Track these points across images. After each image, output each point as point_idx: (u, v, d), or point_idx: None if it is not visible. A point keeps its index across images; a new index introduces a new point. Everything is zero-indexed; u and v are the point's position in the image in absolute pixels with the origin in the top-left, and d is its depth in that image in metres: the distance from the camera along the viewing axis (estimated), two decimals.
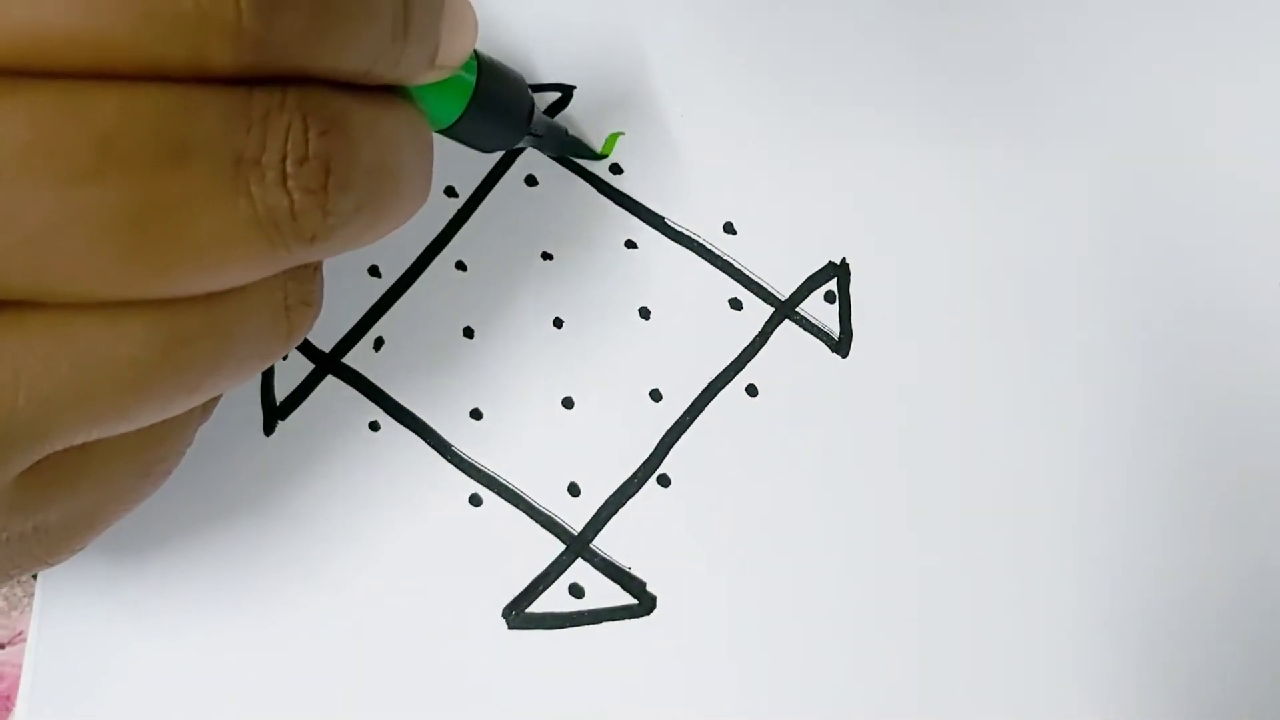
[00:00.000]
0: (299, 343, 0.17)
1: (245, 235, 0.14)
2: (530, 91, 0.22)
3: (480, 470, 0.23)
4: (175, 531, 0.23)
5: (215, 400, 0.18)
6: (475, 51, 0.19)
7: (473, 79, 0.19)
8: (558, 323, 0.24)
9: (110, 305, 0.14)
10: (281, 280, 0.16)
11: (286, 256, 0.14)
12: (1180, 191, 0.25)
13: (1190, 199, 0.25)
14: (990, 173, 0.25)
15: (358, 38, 0.14)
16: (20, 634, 0.23)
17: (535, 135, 0.23)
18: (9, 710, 0.22)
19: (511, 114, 0.21)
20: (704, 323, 0.24)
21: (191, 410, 0.17)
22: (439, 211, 0.25)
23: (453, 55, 0.17)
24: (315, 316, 0.17)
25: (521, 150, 0.25)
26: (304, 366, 0.24)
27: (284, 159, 0.13)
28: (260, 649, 0.22)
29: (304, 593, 0.23)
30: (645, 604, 0.22)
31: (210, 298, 0.14)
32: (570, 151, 0.25)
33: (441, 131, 0.19)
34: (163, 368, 0.14)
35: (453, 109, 0.19)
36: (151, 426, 0.15)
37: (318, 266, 0.17)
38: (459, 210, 0.25)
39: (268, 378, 0.24)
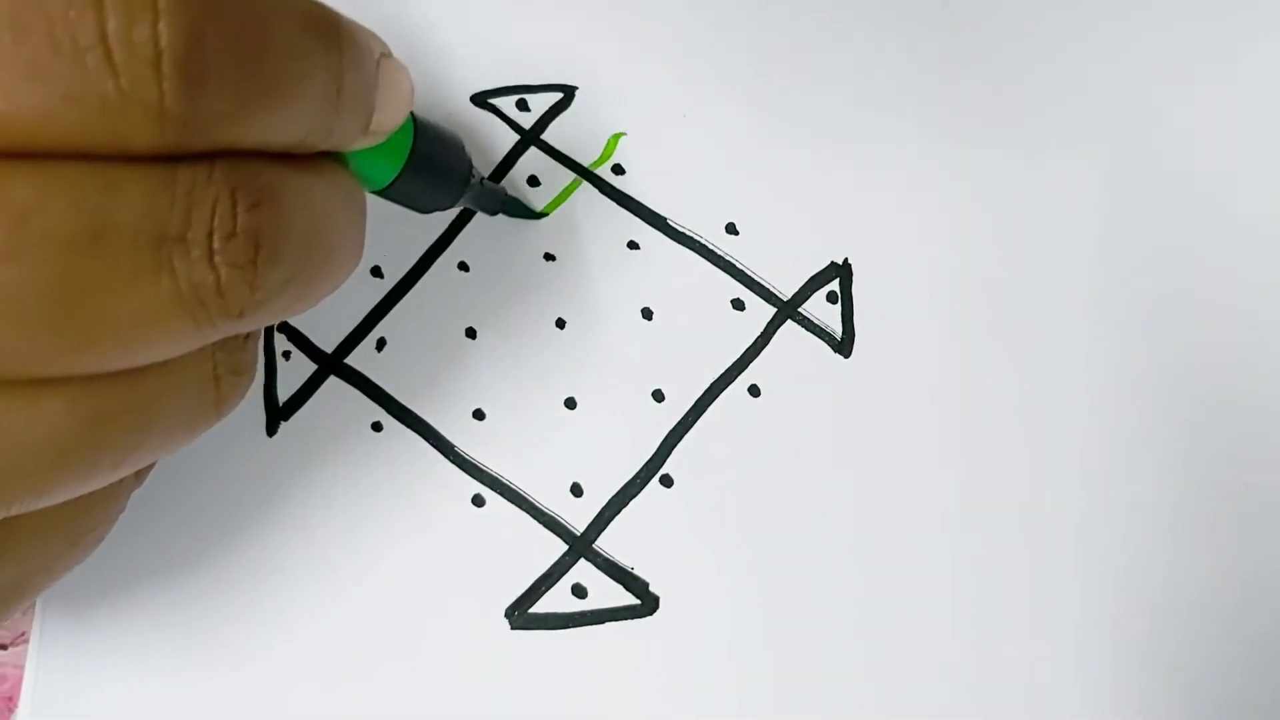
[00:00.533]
0: (231, 412, 0.17)
1: (169, 312, 0.13)
2: (467, 153, 0.21)
3: (483, 471, 0.23)
4: (178, 532, 0.23)
5: (149, 466, 0.18)
6: (411, 113, 0.19)
7: (409, 141, 0.19)
8: (560, 323, 0.24)
9: (29, 383, 0.13)
10: (210, 351, 0.15)
11: (213, 331, 0.14)
12: (1183, 191, 0.25)
13: (1193, 199, 0.25)
14: (992, 172, 0.25)
15: (289, 113, 0.14)
16: (23, 635, 0.23)
17: (474, 196, 0.22)
18: (11, 712, 0.22)
19: (448, 176, 0.21)
20: (706, 323, 0.24)
21: (122, 479, 0.16)
22: (442, 212, 0.25)
23: (387, 121, 0.17)
24: (248, 385, 0.17)
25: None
26: (307, 367, 0.24)
27: (211, 234, 0.13)
28: (263, 649, 0.22)
29: (306, 593, 0.23)
30: (648, 604, 0.22)
31: (134, 372, 0.14)
32: (510, 212, 0.24)
33: (376, 193, 0.19)
34: (84, 445, 0.14)
35: (388, 171, 0.19)
36: (79, 497, 0.15)
37: (251, 334, 0.17)
38: (462, 211, 0.25)
39: (270, 379, 0.24)
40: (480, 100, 0.25)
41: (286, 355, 0.24)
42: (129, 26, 0.12)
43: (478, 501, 0.23)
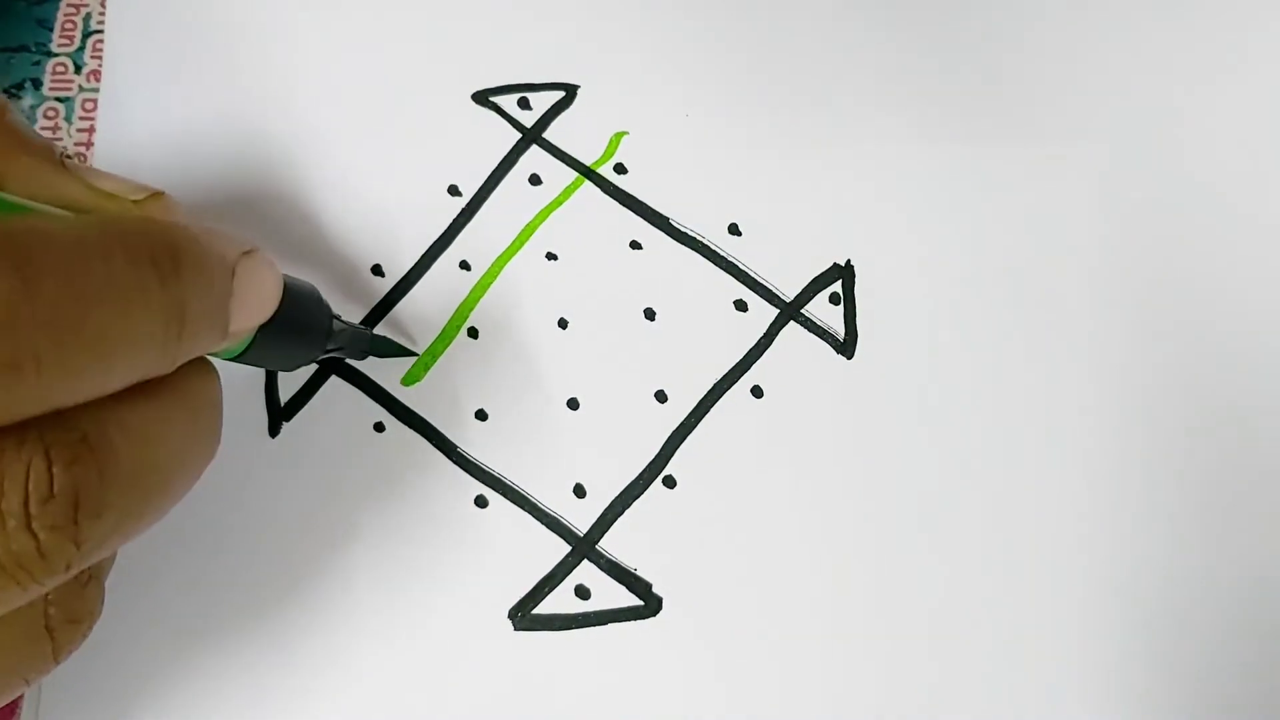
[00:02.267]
0: (70, 657, 0.16)
1: None
2: (325, 303, 0.21)
3: (486, 471, 0.23)
4: (181, 533, 0.22)
5: None
6: None
7: None
8: (563, 323, 0.24)
9: None
10: (41, 606, 0.15)
11: (39, 589, 0.14)
12: (1185, 191, 0.25)
13: (1195, 198, 0.25)
14: (995, 174, 0.25)
15: (118, 369, 0.13)
16: None
17: (339, 343, 0.21)
18: (15, 713, 0.22)
19: (307, 331, 0.20)
20: (709, 324, 0.24)
21: None
22: (442, 210, 0.25)
23: (247, 324, 0.16)
24: (88, 629, 0.16)
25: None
26: (308, 367, 0.24)
27: (26, 501, 0.13)
28: (265, 648, 0.22)
29: (309, 593, 0.22)
30: (651, 605, 0.22)
31: None
32: (380, 353, 0.23)
33: (231, 359, 0.18)
34: None
35: (240, 343, 0.18)
36: None
37: (91, 575, 0.16)
38: (463, 209, 0.25)
39: (272, 379, 0.23)
40: (482, 98, 0.25)
41: None
42: None
43: (480, 502, 0.23)
